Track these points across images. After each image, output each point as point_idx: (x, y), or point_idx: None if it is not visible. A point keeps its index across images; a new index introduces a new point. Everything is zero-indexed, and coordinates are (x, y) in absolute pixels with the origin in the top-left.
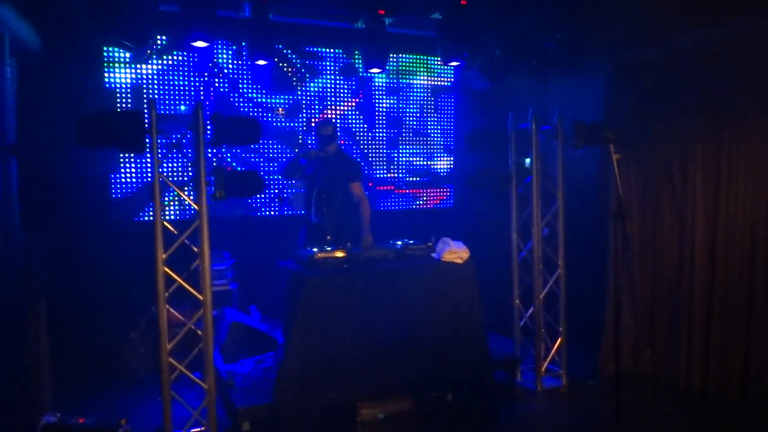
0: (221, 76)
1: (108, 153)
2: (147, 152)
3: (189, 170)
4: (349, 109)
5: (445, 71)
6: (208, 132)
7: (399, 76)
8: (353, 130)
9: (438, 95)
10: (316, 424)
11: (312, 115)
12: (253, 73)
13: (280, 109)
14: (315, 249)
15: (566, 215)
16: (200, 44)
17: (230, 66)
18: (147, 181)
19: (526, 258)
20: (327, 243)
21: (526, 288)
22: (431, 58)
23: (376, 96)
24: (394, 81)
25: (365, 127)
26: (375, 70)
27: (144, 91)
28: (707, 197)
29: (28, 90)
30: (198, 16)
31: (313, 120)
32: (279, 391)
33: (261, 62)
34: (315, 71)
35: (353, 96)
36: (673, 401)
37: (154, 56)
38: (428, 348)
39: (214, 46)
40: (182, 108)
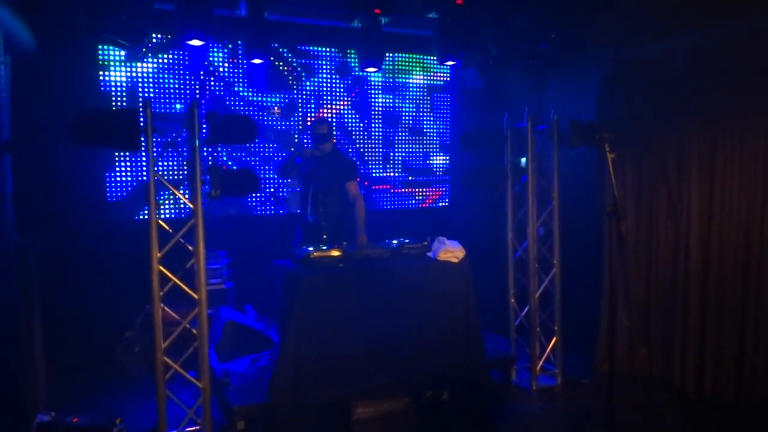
0: (216, 76)
1: (103, 152)
2: (142, 151)
3: (184, 169)
4: (345, 108)
5: (441, 70)
6: (204, 131)
7: (395, 75)
8: (349, 129)
9: (434, 94)
10: (312, 423)
11: (307, 114)
12: (248, 74)
13: (276, 109)
14: (311, 248)
15: (562, 215)
16: (196, 43)
17: (225, 66)
18: (142, 180)
19: (522, 257)
20: (323, 242)
21: (522, 287)
22: (427, 57)
23: (372, 94)
24: (390, 79)
25: (361, 126)
26: (371, 70)
27: (139, 91)
28: (702, 197)
29: (23, 88)
30: (193, 15)
31: (309, 119)
32: (274, 390)
33: (257, 61)
34: (311, 70)
35: (349, 95)
36: (668, 400)
37: (150, 55)
38: (424, 347)
39: (209, 47)
40: (178, 107)
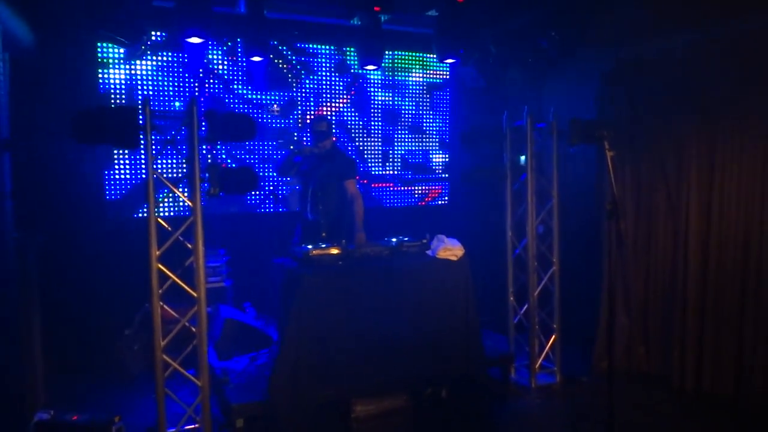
0: (214, 74)
1: (102, 149)
2: (141, 149)
3: (183, 167)
4: (345, 105)
5: (441, 68)
6: (203, 128)
7: (394, 73)
8: (348, 127)
9: (433, 91)
10: (311, 421)
11: (307, 112)
12: (247, 72)
13: (275, 106)
14: (310, 246)
15: (561, 213)
16: (195, 40)
17: (224, 65)
18: (141, 178)
19: (521, 255)
20: (322, 240)
21: (521, 285)
22: (427, 55)
23: (372, 92)
24: (390, 77)
25: (360, 124)
26: (370, 67)
27: (138, 89)
28: (701, 196)
29: (21, 85)
30: (193, 12)
31: (308, 116)
32: (273, 388)
33: (256, 59)
34: (310, 68)
35: (348, 92)
36: (666, 398)
37: (149, 53)
38: (423, 345)
39: (208, 46)
40: (177, 104)
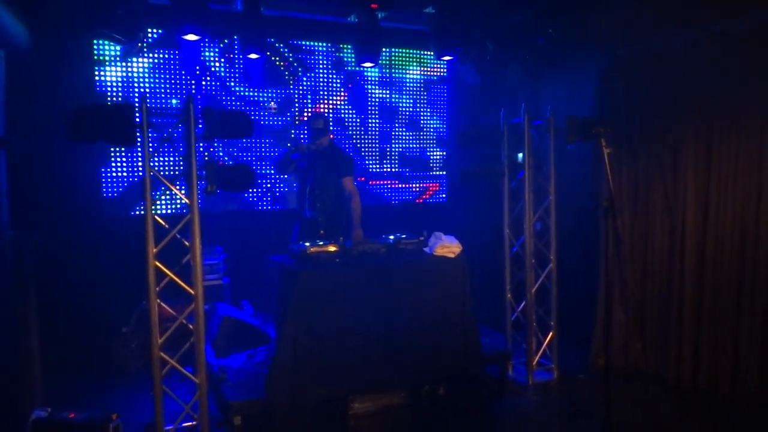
0: (211, 73)
1: (98, 147)
2: (138, 146)
3: (180, 165)
4: (342, 103)
5: (438, 65)
6: (200, 126)
7: (391, 69)
8: (346, 124)
9: (430, 89)
10: (308, 418)
11: (304, 109)
12: (243, 70)
13: (273, 104)
14: (307, 243)
15: (558, 210)
16: (191, 37)
17: (220, 63)
18: (138, 176)
19: (518, 252)
20: (320, 237)
21: (518, 282)
22: (424, 52)
23: (369, 89)
24: (387, 74)
25: (358, 121)
26: (368, 65)
27: (135, 86)
28: (698, 195)
29: (17, 83)
30: (189, 9)
31: (306, 113)
32: (271, 386)
33: (253, 56)
34: (307, 66)
35: (345, 89)
36: (663, 395)
37: (145, 50)
38: (420, 342)
39: (204, 45)
40: (173, 102)
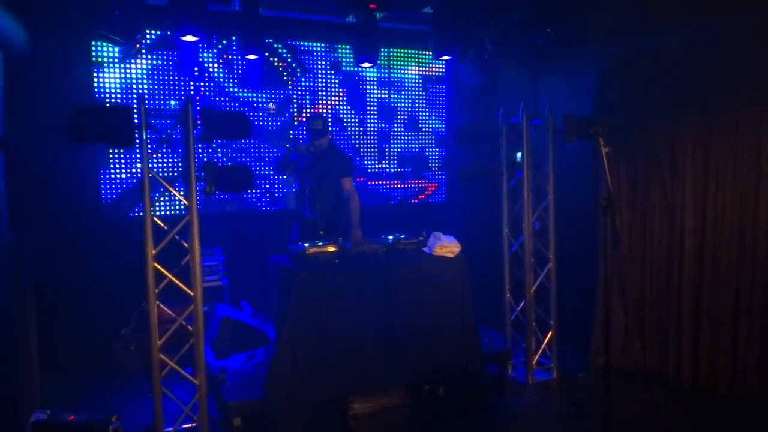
0: (209, 74)
1: (97, 149)
2: (136, 147)
3: (179, 166)
4: (340, 103)
5: (437, 64)
6: (198, 127)
7: (390, 69)
8: (344, 124)
9: (429, 89)
10: (308, 419)
11: (302, 110)
12: (241, 72)
13: (271, 105)
14: (306, 244)
15: (557, 209)
16: (190, 38)
17: (218, 64)
18: (137, 177)
19: (517, 252)
20: (319, 238)
21: (517, 282)
22: (422, 52)
23: (367, 89)
24: (385, 74)
25: (356, 121)
26: (366, 65)
27: (133, 87)
28: (696, 194)
29: (15, 85)
30: (187, 10)
31: (304, 114)
32: (270, 387)
33: (251, 57)
34: (305, 66)
35: (343, 90)
36: (663, 394)
37: (144, 51)
38: (419, 342)
39: (202, 47)
40: (172, 103)
